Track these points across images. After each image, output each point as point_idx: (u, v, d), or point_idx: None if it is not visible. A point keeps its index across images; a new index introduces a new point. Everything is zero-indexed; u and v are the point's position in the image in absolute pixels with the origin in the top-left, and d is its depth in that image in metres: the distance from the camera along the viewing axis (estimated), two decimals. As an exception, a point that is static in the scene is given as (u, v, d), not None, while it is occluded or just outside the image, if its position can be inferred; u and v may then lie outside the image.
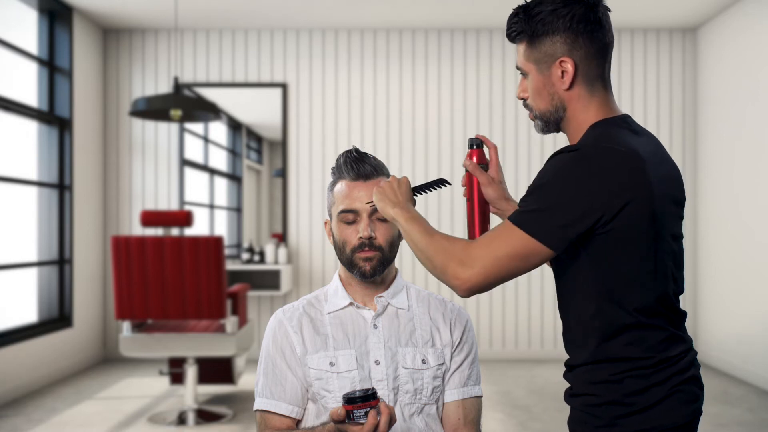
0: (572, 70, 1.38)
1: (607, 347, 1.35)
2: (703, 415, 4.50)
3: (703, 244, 5.85)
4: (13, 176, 4.95)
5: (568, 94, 1.40)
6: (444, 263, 1.33)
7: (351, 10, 5.60)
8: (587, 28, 1.38)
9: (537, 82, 1.42)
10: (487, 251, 1.31)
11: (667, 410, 1.34)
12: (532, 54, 1.41)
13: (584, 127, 1.41)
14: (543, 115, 1.44)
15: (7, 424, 4.09)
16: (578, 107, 1.41)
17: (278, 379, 1.53)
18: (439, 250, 1.34)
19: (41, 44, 5.37)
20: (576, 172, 1.30)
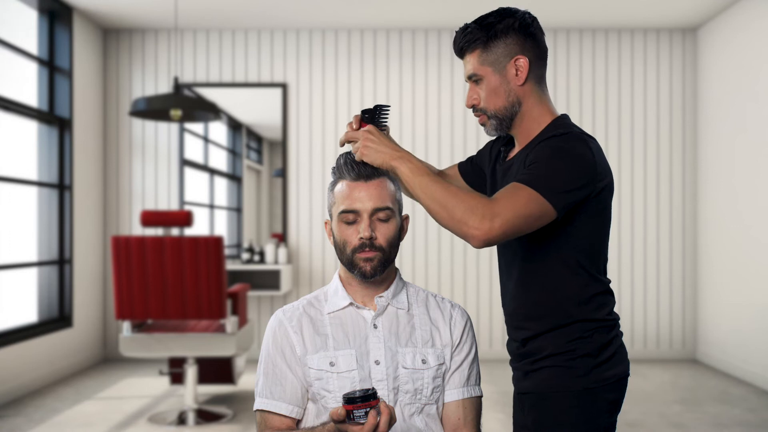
0: (526, 65, 1.58)
1: (581, 310, 1.56)
2: (703, 415, 4.47)
3: (703, 244, 5.85)
4: (13, 176, 4.95)
5: (522, 90, 1.60)
6: (464, 214, 1.42)
7: (351, 10, 5.60)
8: (532, 32, 1.61)
9: (493, 83, 1.60)
10: (509, 208, 1.43)
11: (620, 361, 1.58)
12: (488, 58, 1.59)
13: (542, 120, 1.61)
14: (498, 113, 1.61)
15: (7, 424, 4.09)
16: (532, 102, 1.61)
17: (278, 379, 1.53)
18: (459, 201, 1.44)
19: (41, 44, 5.37)
20: (576, 149, 1.50)
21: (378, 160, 1.51)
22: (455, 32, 1.65)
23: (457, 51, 1.65)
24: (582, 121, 6.01)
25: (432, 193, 1.46)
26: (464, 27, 1.62)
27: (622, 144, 6.01)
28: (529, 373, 1.61)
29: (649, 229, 6.01)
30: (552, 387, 1.56)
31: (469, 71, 1.62)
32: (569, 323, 1.56)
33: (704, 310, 5.85)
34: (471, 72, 1.62)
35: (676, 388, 4.96)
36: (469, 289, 6.00)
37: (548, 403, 1.56)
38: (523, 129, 1.63)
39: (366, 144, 1.53)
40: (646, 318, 5.99)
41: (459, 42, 1.63)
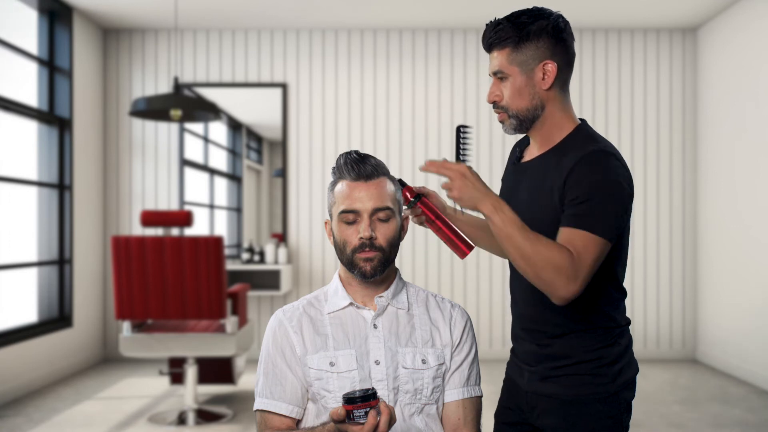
0: (554, 71, 1.58)
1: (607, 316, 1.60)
2: (702, 415, 4.48)
3: (703, 244, 5.85)
4: (13, 176, 4.95)
5: (547, 94, 1.60)
6: (552, 277, 1.45)
7: (351, 10, 5.60)
8: (564, 37, 1.63)
9: (519, 83, 1.59)
10: (586, 263, 1.46)
11: (632, 363, 1.65)
12: (517, 57, 1.59)
13: (564, 125, 1.62)
14: (520, 114, 1.61)
15: (7, 424, 4.09)
16: (555, 107, 1.61)
17: (278, 379, 1.53)
18: (546, 262, 1.45)
19: (41, 44, 5.37)
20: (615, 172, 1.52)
21: (471, 204, 1.51)
22: (486, 25, 1.64)
23: (486, 45, 1.63)
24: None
25: (520, 249, 1.47)
26: (496, 23, 1.61)
27: (622, 144, 6.00)
28: (551, 377, 1.61)
29: (649, 229, 6.01)
30: (581, 393, 1.58)
31: (495, 67, 1.61)
32: (596, 328, 1.59)
33: (704, 310, 5.85)
34: (497, 69, 1.61)
35: (676, 388, 4.96)
36: (469, 289, 6.00)
37: (577, 408, 1.58)
38: (544, 132, 1.63)
39: (461, 187, 1.51)
40: (646, 318, 5.99)
41: (489, 37, 1.62)
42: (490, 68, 1.63)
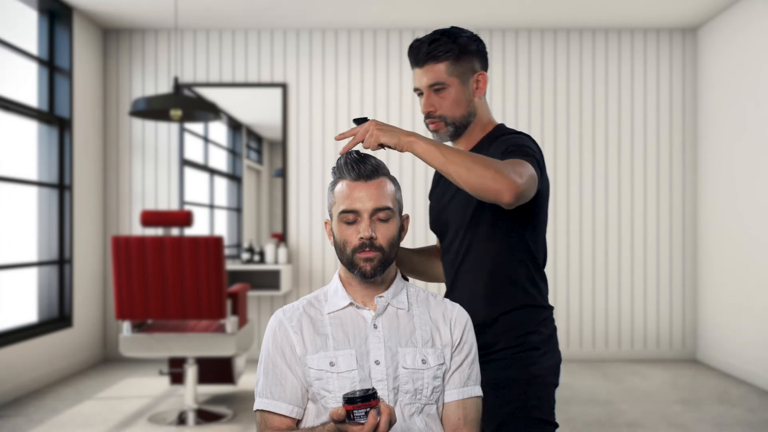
0: (485, 81, 1.80)
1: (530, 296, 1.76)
2: (703, 415, 4.48)
3: (703, 244, 5.85)
4: (13, 176, 4.95)
5: (478, 102, 1.81)
6: (502, 169, 1.54)
7: (351, 10, 5.60)
8: (486, 52, 1.84)
9: (458, 93, 1.77)
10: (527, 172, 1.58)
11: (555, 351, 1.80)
12: (456, 69, 1.76)
13: (489, 127, 1.83)
14: (457, 121, 1.78)
15: (7, 424, 4.09)
16: (483, 112, 1.83)
17: (278, 379, 1.53)
18: (489, 161, 1.55)
19: (41, 44, 5.37)
20: (534, 144, 1.74)
21: (394, 139, 1.57)
22: (417, 42, 1.77)
23: (422, 59, 1.75)
24: (582, 121, 6.02)
25: (458, 158, 1.55)
26: (431, 39, 1.74)
27: (622, 144, 6.01)
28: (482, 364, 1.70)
29: (649, 229, 6.01)
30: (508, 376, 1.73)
31: (432, 79, 1.75)
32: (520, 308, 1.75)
33: (704, 310, 5.85)
34: (435, 81, 1.75)
35: (676, 388, 4.96)
36: (469, 289, 5.99)
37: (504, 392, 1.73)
38: (472, 136, 1.82)
39: (379, 128, 1.57)
40: (646, 318, 6.00)
41: (428, 51, 1.74)
42: (424, 81, 1.76)
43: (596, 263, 6.01)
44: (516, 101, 6.03)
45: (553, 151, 6.01)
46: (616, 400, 4.61)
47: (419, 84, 1.77)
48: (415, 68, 1.78)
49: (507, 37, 6.04)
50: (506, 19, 5.79)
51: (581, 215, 6.01)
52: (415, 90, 1.81)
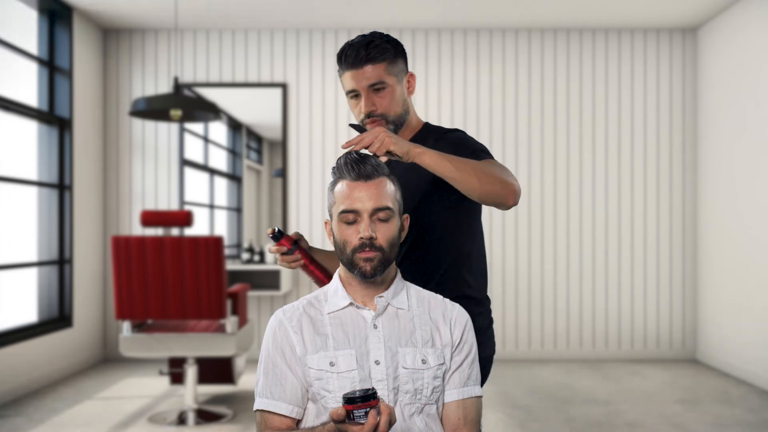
0: (414, 80, 1.89)
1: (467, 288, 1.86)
2: (703, 415, 4.47)
3: (703, 244, 5.86)
4: (13, 176, 4.95)
5: (408, 101, 1.89)
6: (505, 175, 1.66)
7: (351, 10, 5.60)
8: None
9: (397, 92, 1.83)
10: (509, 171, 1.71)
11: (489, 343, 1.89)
12: (393, 69, 1.82)
13: (418, 126, 1.93)
14: (396, 119, 1.84)
15: (7, 424, 4.09)
16: (412, 111, 1.91)
17: (278, 379, 1.53)
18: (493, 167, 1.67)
19: (41, 44, 5.37)
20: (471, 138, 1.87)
21: (404, 148, 1.58)
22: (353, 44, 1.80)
23: (363, 60, 1.77)
24: (582, 121, 6.02)
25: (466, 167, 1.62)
26: (368, 41, 1.79)
27: (622, 144, 6.01)
28: None
29: (649, 229, 6.01)
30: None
31: (373, 79, 1.78)
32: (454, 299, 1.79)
33: (704, 310, 5.85)
34: (377, 80, 1.79)
35: (676, 388, 4.96)
36: (469, 289, 5.99)
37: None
38: (404, 135, 1.89)
39: (388, 136, 1.59)
40: (646, 318, 6.00)
41: (369, 52, 1.77)
42: (364, 82, 1.79)
43: (596, 263, 6.01)
44: (516, 101, 6.03)
45: (553, 151, 6.01)
46: (616, 400, 4.61)
47: (356, 85, 1.80)
48: (349, 71, 1.80)
49: (507, 37, 6.04)
50: (506, 19, 5.79)
51: (581, 215, 6.01)
52: (350, 92, 1.82)
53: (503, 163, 5.98)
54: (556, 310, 6.00)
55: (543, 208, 6.00)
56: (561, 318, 6.00)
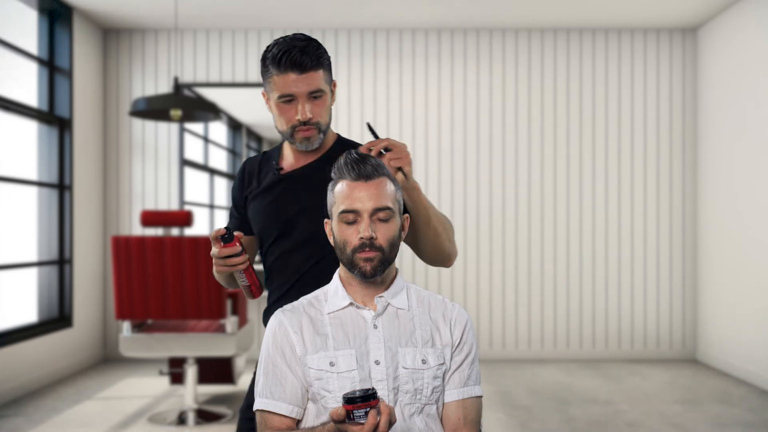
0: (335, 89, 1.83)
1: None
2: (703, 415, 4.48)
3: (703, 244, 5.86)
4: (13, 176, 4.95)
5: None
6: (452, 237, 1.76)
7: (351, 11, 5.60)
8: None
9: (328, 100, 1.79)
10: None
11: None
12: (327, 77, 1.77)
13: (333, 137, 1.88)
14: (325, 129, 1.80)
15: (7, 424, 4.09)
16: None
17: (278, 380, 1.53)
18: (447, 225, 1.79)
19: (41, 44, 5.37)
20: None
21: (412, 175, 1.68)
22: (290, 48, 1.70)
23: (308, 64, 1.70)
24: (582, 120, 6.02)
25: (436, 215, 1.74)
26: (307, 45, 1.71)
27: (622, 144, 6.01)
28: None
29: (649, 229, 6.01)
30: None
31: (314, 86, 1.72)
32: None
33: (704, 310, 5.85)
34: (317, 87, 1.73)
35: (676, 388, 4.96)
36: (469, 289, 6.00)
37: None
38: (323, 145, 1.85)
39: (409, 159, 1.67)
40: (646, 318, 6.00)
41: (311, 58, 1.70)
42: (305, 88, 1.72)
43: (596, 263, 6.01)
44: (516, 101, 6.03)
45: (553, 151, 6.01)
46: (616, 400, 4.61)
47: (295, 90, 1.72)
48: (289, 73, 1.70)
49: (507, 37, 6.04)
50: (506, 19, 5.79)
51: (581, 215, 6.01)
52: (283, 96, 1.73)
53: (504, 163, 6.00)
54: (556, 310, 6.00)
55: (543, 208, 6.00)
56: (561, 318, 6.00)
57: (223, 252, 1.65)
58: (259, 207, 1.85)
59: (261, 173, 1.89)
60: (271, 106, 1.81)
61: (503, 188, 6.00)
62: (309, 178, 1.82)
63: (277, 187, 1.85)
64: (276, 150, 1.94)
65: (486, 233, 6.00)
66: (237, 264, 1.68)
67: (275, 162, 1.88)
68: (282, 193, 1.84)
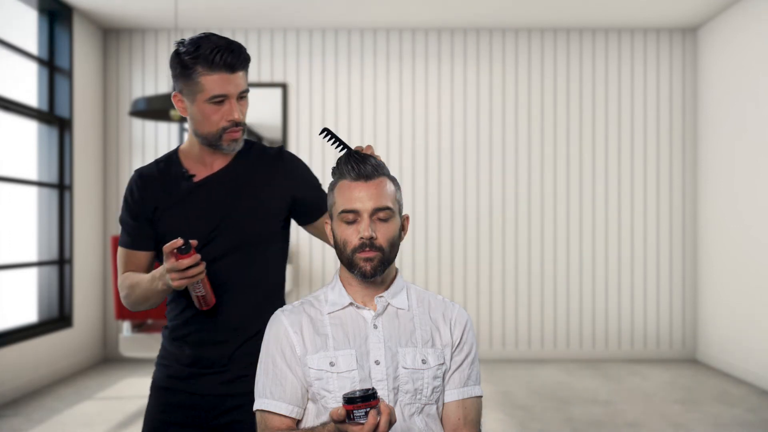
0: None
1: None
2: (703, 415, 4.48)
3: (703, 244, 5.86)
4: (13, 176, 4.95)
5: None
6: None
7: (351, 10, 5.60)
8: None
9: (247, 101, 1.76)
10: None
11: None
12: (246, 78, 1.75)
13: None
14: (246, 129, 1.78)
15: (7, 424, 4.09)
16: None
17: (278, 380, 1.53)
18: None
19: (41, 44, 5.37)
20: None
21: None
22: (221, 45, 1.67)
23: (239, 63, 1.69)
24: (582, 120, 6.02)
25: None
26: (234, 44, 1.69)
27: (622, 144, 6.01)
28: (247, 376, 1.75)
29: (649, 229, 6.01)
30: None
31: (242, 86, 1.71)
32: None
33: (704, 310, 5.85)
34: (245, 88, 1.72)
35: (676, 388, 4.96)
36: (469, 289, 6.00)
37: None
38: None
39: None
40: (646, 318, 6.00)
41: (241, 59, 1.69)
42: (235, 88, 1.69)
43: (596, 263, 6.01)
44: (516, 101, 6.03)
45: (553, 151, 6.01)
46: (616, 400, 4.61)
47: (229, 90, 1.68)
48: (220, 73, 1.67)
49: (507, 37, 6.04)
50: (506, 19, 5.79)
51: (581, 215, 6.01)
52: (215, 97, 1.68)
53: (504, 163, 6.00)
54: (556, 310, 6.01)
55: (543, 208, 6.00)
56: (561, 318, 6.00)
57: (182, 264, 1.59)
58: (179, 217, 1.77)
59: (166, 183, 1.79)
60: (192, 108, 1.72)
61: (503, 188, 6.01)
62: (232, 181, 1.78)
63: (196, 194, 1.77)
64: (171, 157, 1.83)
65: (486, 233, 6.00)
66: (197, 274, 1.62)
67: (184, 170, 1.79)
68: (205, 200, 1.76)
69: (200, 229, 1.75)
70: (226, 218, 1.76)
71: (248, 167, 1.80)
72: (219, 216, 1.76)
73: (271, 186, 1.80)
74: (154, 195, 1.78)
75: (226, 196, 1.77)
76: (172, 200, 1.77)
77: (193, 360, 1.80)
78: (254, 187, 1.78)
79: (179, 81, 1.71)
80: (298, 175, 1.84)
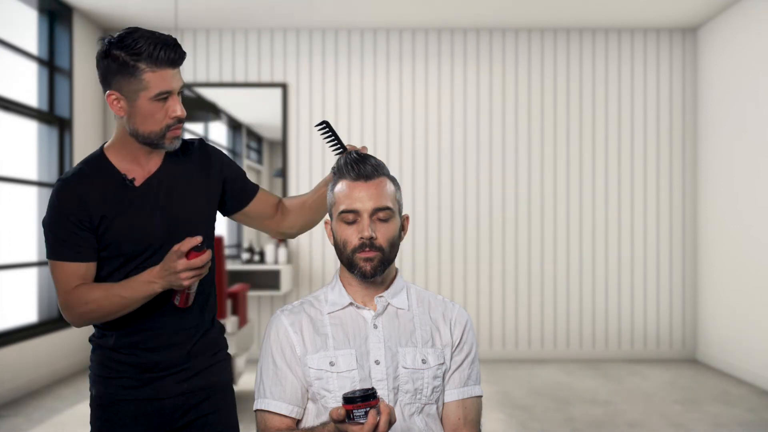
0: None
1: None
2: (703, 415, 4.48)
3: (703, 244, 5.86)
4: (13, 176, 4.95)
5: None
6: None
7: (351, 10, 5.60)
8: None
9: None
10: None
11: None
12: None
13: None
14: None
15: (7, 424, 4.09)
16: None
17: (278, 379, 1.53)
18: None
19: (41, 44, 5.37)
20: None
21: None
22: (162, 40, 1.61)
23: (178, 59, 1.64)
24: (582, 121, 6.02)
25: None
26: (172, 38, 1.64)
27: (622, 144, 6.01)
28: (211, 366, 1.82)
29: (649, 229, 6.01)
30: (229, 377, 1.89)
31: (181, 82, 1.68)
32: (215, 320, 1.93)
33: (704, 310, 5.85)
34: (183, 83, 1.70)
35: (676, 388, 4.96)
36: (469, 289, 6.00)
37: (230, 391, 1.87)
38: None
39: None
40: (646, 318, 6.00)
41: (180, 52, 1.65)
42: (176, 84, 1.65)
43: (596, 263, 6.01)
44: (516, 101, 6.03)
45: (553, 151, 6.01)
46: (616, 400, 4.61)
47: (173, 86, 1.64)
48: (165, 69, 1.62)
49: (507, 37, 6.04)
50: (506, 19, 5.79)
51: (581, 215, 6.01)
52: (161, 94, 1.62)
53: (504, 162, 5.99)
54: (556, 310, 6.00)
55: (543, 208, 6.00)
56: (561, 318, 6.00)
57: (202, 260, 1.57)
58: (129, 224, 1.68)
59: (105, 191, 1.68)
60: (133, 107, 1.63)
61: (503, 188, 6.00)
62: (172, 179, 1.74)
63: (142, 198, 1.70)
64: (97, 161, 1.71)
65: (486, 233, 6.00)
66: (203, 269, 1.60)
67: (123, 175, 1.70)
68: (151, 203, 1.71)
69: (154, 233, 1.70)
70: (175, 219, 1.72)
71: (182, 163, 1.76)
72: (168, 218, 1.71)
73: (208, 179, 1.80)
74: (97, 204, 1.66)
75: (170, 197, 1.72)
76: (119, 208, 1.68)
77: (151, 364, 1.73)
78: (193, 183, 1.77)
79: (116, 80, 1.62)
80: (224, 164, 1.84)
